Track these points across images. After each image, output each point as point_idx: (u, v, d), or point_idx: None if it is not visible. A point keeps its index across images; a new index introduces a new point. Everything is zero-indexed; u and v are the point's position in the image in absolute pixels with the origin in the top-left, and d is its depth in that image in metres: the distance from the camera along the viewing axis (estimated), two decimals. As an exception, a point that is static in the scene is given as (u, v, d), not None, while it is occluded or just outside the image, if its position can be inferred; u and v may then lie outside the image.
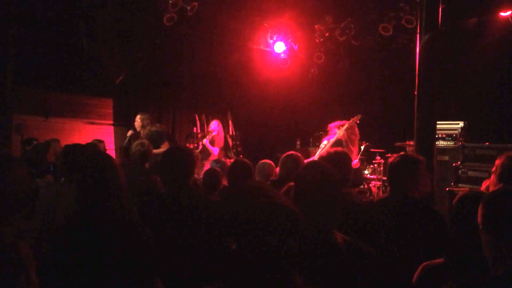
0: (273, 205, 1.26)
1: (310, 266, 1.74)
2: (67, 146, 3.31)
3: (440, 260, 2.00)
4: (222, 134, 8.01)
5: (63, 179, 3.17)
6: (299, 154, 3.95)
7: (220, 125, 7.96)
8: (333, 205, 1.87)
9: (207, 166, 5.52)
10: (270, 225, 1.21)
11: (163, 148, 6.70)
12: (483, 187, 3.43)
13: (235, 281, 1.22)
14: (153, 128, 7.04)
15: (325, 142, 6.27)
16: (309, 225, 1.79)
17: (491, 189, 2.96)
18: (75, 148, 3.20)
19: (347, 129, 6.09)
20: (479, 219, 1.58)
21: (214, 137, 7.75)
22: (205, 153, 7.56)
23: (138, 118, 7.13)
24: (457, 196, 2.09)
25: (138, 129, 7.06)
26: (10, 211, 1.56)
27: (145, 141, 5.22)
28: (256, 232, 1.20)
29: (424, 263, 2.02)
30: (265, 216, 1.23)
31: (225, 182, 4.05)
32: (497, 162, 2.94)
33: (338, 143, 5.93)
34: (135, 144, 5.15)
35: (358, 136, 6.41)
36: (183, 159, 2.93)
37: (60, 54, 7.22)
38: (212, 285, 1.25)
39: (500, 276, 1.49)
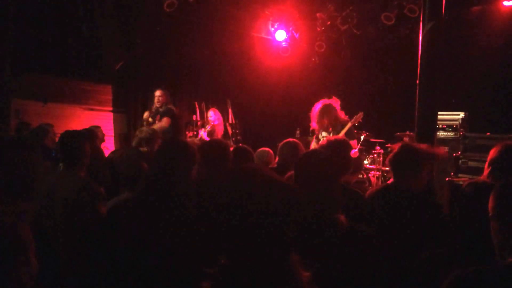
0: (272, 182, 1.25)
1: (312, 248, 1.76)
2: (66, 132, 3.28)
3: (443, 250, 1.98)
4: (222, 123, 7.98)
5: (60, 166, 3.15)
6: (297, 141, 3.93)
7: (218, 113, 7.91)
8: (333, 190, 1.92)
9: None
10: (270, 201, 1.20)
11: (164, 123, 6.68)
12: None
13: (232, 261, 1.21)
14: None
15: (324, 134, 6.22)
16: (310, 208, 1.84)
17: (485, 174, 2.95)
18: (73, 135, 3.16)
19: (348, 130, 6.01)
20: (490, 206, 1.57)
21: (214, 126, 7.71)
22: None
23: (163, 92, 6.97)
24: (465, 185, 2.06)
25: (158, 104, 6.90)
26: (16, 193, 1.57)
27: (144, 128, 5.18)
28: (254, 208, 1.18)
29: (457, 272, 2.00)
30: (264, 192, 1.21)
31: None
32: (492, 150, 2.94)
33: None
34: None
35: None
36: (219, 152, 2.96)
37: (60, 40, 7.17)
38: (211, 268, 1.23)
39: (507, 265, 1.47)
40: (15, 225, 1.28)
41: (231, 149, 4.53)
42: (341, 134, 5.92)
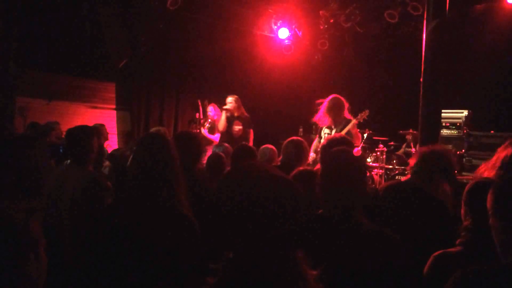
0: (272, 177, 1.25)
1: (335, 248, 1.79)
2: (71, 129, 3.29)
3: (452, 249, 1.98)
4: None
5: (67, 161, 3.16)
6: (301, 139, 3.93)
7: (218, 109, 7.89)
8: (359, 189, 1.93)
9: (209, 152, 5.49)
10: (271, 196, 1.20)
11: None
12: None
13: (237, 257, 1.22)
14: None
15: (327, 131, 6.20)
16: (335, 207, 1.88)
17: (489, 172, 2.92)
18: (81, 130, 3.18)
19: (352, 126, 5.94)
20: (489, 204, 1.55)
21: (214, 122, 7.70)
22: (206, 141, 7.50)
23: (233, 99, 7.16)
24: (470, 184, 2.05)
25: (232, 110, 7.11)
26: (26, 190, 1.58)
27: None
28: (255, 205, 1.19)
29: (435, 253, 2.00)
30: (264, 187, 1.22)
31: (229, 167, 4.04)
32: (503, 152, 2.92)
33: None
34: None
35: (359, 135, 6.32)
36: (191, 143, 2.92)
37: (64, 38, 7.18)
38: (216, 264, 1.24)
39: (510, 264, 1.46)
40: (26, 222, 1.29)
41: (230, 147, 4.54)
42: (345, 131, 5.88)
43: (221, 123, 7.23)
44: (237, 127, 7.16)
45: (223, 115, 7.15)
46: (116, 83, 8.52)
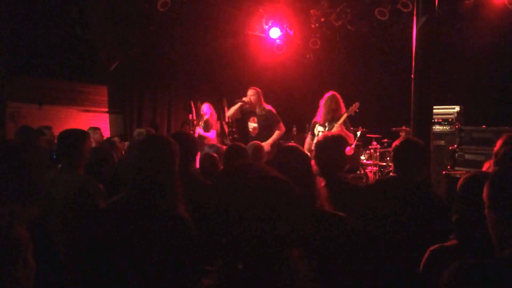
0: (269, 178, 1.25)
1: None
2: (62, 132, 3.27)
3: (448, 243, 1.98)
4: (215, 116, 7.97)
5: (59, 165, 3.15)
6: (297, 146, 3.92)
7: (212, 108, 7.89)
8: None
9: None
10: (268, 197, 1.20)
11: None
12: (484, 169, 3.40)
13: (233, 259, 1.21)
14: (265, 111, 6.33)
15: (320, 129, 6.20)
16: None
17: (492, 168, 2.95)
18: (72, 134, 3.16)
19: (344, 121, 5.95)
20: (485, 196, 1.52)
21: (208, 119, 7.70)
22: (201, 140, 7.49)
23: (252, 92, 6.35)
24: (464, 177, 2.04)
25: (251, 103, 6.30)
26: (15, 196, 1.56)
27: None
28: (253, 205, 1.19)
29: (432, 247, 2.00)
30: (262, 188, 1.21)
31: (221, 167, 4.03)
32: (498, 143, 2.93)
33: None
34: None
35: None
36: (188, 143, 2.92)
37: (54, 41, 7.15)
38: (211, 265, 1.24)
39: (506, 257, 1.44)
40: (11, 227, 1.28)
41: (225, 147, 4.53)
42: (337, 124, 5.89)
43: (231, 111, 6.61)
44: (252, 125, 6.53)
45: (237, 105, 6.51)
46: (108, 86, 8.49)
